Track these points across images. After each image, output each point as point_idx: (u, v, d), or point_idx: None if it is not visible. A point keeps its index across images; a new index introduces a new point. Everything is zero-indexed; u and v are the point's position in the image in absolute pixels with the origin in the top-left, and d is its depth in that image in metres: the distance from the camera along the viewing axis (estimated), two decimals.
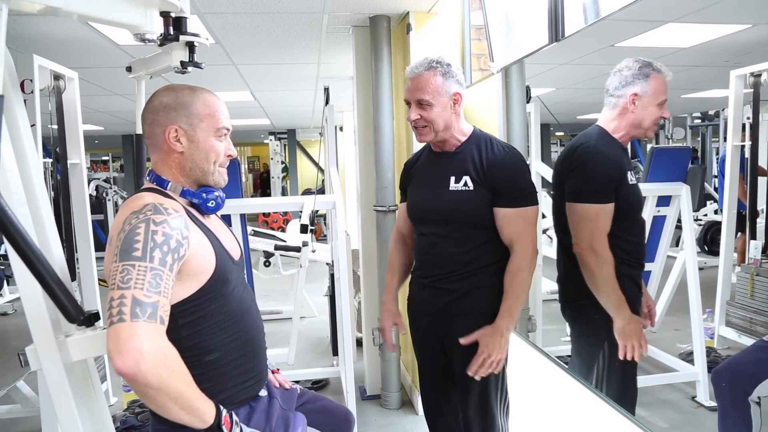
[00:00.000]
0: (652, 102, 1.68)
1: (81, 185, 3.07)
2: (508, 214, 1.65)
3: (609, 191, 1.67)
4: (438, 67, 1.67)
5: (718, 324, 3.33)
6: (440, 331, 1.77)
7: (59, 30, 3.07)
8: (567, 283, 1.90)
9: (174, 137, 1.29)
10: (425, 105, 1.66)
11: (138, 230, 1.11)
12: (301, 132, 11.94)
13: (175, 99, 1.30)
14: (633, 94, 1.68)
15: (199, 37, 1.46)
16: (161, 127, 1.29)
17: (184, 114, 1.29)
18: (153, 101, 1.32)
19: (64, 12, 1.18)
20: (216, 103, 1.34)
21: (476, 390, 1.71)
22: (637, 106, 1.69)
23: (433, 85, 1.66)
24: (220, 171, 1.36)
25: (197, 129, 1.30)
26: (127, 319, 1.02)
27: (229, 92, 5.52)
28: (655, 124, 1.71)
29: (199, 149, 1.31)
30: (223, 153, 1.35)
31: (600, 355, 1.77)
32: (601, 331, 1.72)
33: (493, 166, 1.66)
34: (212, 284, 1.24)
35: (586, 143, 1.75)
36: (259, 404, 1.37)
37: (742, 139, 3.41)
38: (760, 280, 3.10)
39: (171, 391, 1.05)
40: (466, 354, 1.68)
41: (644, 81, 1.67)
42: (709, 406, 2.70)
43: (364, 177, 3.28)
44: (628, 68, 1.70)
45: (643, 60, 1.70)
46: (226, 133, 1.36)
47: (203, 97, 1.32)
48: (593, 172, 1.70)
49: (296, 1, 2.71)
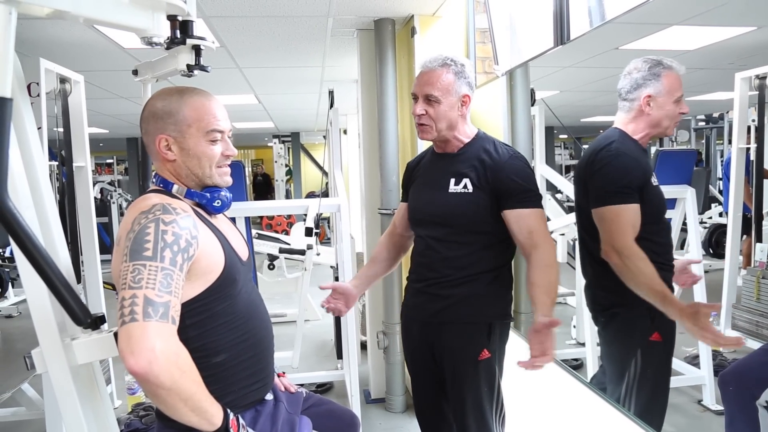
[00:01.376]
0: (667, 101, 1.64)
1: (86, 188, 3.07)
2: (522, 213, 1.60)
3: (634, 192, 1.61)
4: (452, 65, 1.64)
5: (724, 327, 3.31)
6: (431, 339, 1.72)
7: (66, 33, 3.08)
8: (596, 291, 1.84)
9: (165, 146, 1.27)
10: (432, 101, 1.63)
11: (148, 230, 1.11)
12: (305, 135, 11.95)
13: (162, 107, 1.28)
14: (647, 96, 1.65)
15: (205, 41, 1.46)
16: (152, 136, 1.28)
17: (171, 122, 1.27)
18: (144, 110, 1.31)
19: (72, 16, 1.18)
20: (205, 106, 1.29)
21: (469, 401, 1.66)
22: (653, 107, 1.65)
23: (444, 82, 1.63)
24: (220, 172, 1.32)
25: (186, 136, 1.27)
26: (139, 318, 1.02)
27: (233, 95, 5.52)
28: (675, 121, 1.67)
29: (191, 156, 1.28)
30: (219, 155, 1.31)
31: (632, 363, 1.71)
32: (635, 339, 1.69)
33: (497, 169, 1.62)
34: (220, 284, 1.24)
35: (607, 146, 1.69)
36: (265, 408, 1.37)
37: (747, 141, 3.39)
38: (766, 283, 3.08)
39: (182, 391, 1.05)
40: (457, 363, 1.65)
41: (656, 81, 1.64)
42: (716, 410, 2.69)
43: (369, 180, 3.28)
44: (638, 70, 1.67)
45: (652, 59, 1.66)
46: (220, 135, 1.31)
47: (191, 101, 1.28)
48: (617, 174, 1.64)
49: (301, 4, 2.71)
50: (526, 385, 2.21)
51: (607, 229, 1.63)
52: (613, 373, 1.80)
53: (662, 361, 1.74)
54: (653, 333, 1.67)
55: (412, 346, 1.83)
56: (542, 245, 1.58)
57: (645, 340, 1.64)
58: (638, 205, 1.61)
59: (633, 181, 1.62)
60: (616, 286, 1.65)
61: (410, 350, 1.85)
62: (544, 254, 1.58)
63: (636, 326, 1.65)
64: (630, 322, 1.69)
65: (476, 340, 1.64)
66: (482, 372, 1.65)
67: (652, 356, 1.67)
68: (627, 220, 1.60)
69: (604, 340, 1.88)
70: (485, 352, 1.64)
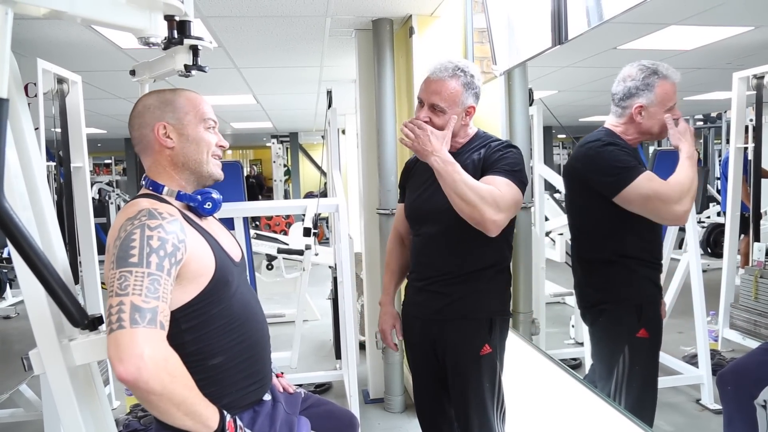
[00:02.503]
0: (659, 111, 1.65)
1: (84, 188, 3.07)
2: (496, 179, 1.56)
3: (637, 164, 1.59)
4: (462, 76, 1.63)
5: (722, 326, 3.32)
6: (432, 336, 1.73)
7: (63, 34, 3.08)
8: (585, 289, 1.86)
9: (164, 133, 1.30)
10: (438, 111, 1.63)
11: (133, 236, 1.11)
12: (304, 135, 11.95)
13: (158, 99, 1.32)
14: (638, 106, 1.66)
15: (203, 41, 1.46)
16: (149, 127, 1.30)
17: (169, 110, 1.31)
18: (137, 107, 1.34)
19: (69, 16, 1.18)
20: (197, 98, 1.35)
21: (471, 396, 1.67)
22: (644, 116, 1.66)
23: (451, 93, 1.62)
24: (215, 162, 1.36)
25: (184, 122, 1.31)
26: (126, 325, 1.02)
27: (231, 95, 5.51)
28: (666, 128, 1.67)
29: (190, 141, 1.31)
30: (214, 144, 1.35)
31: (620, 359, 1.73)
32: (622, 336, 1.70)
33: (488, 155, 1.64)
34: (213, 287, 1.24)
35: (595, 142, 1.70)
36: (263, 408, 1.37)
37: (744, 141, 3.40)
38: (764, 282, 3.09)
39: (174, 396, 1.05)
40: (459, 359, 1.66)
41: (649, 91, 1.64)
42: (714, 409, 2.69)
43: (367, 180, 3.28)
44: (632, 78, 1.67)
45: (648, 67, 1.66)
46: (213, 125, 1.36)
47: (185, 93, 1.34)
48: (613, 158, 1.62)
49: (299, 4, 2.71)
50: (524, 384, 2.21)
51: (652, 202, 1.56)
52: (602, 371, 1.82)
53: (650, 358, 1.75)
54: (640, 329, 1.69)
55: (413, 343, 1.84)
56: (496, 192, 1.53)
57: (632, 336, 1.65)
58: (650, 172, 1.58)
59: (631, 159, 1.62)
60: (604, 284, 1.66)
61: (412, 347, 1.86)
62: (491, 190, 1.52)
63: (623, 323, 1.66)
64: (617, 319, 1.71)
65: (478, 336, 1.66)
66: (484, 367, 1.66)
67: (640, 353, 1.68)
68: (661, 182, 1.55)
69: (593, 338, 1.91)
70: (487, 347, 1.66)
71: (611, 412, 1.72)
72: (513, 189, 1.57)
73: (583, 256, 1.74)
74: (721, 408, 1.79)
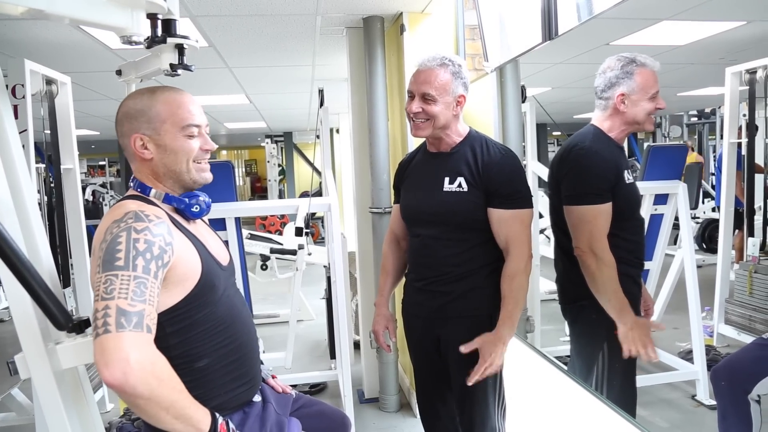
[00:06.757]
0: (641, 98, 1.66)
1: (75, 190, 3.05)
2: (504, 215, 1.63)
3: (606, 192, 1.65)
4: (450, 65, 1.65)
5: (717, 322, 3.32)
6: (435, 333, 1.75)
7: (51, 34, 3.04)
8: (566, 284, 1.88)
9: (141, 145, 1.25)
10: (429, 100, 1.64)
11: (119, 239, 1.10)
12: (298, 135, 11.93)
13: (133, 106, 1.26)
14: (620, 94, 1.67)
15: (188, 40, 1.44)
16: (127, 138, 1.26)
17: (144, 120, 1.25)
18: (118, 112, 1.29)
19: (47, 14, 1.16)
20: (177, 101, 1.27)
21: (474, 393, 1.69)
22: (627, 105, 1.68)
23: (441, 81, 1.64)
24: (198, 168, 1.30)
25: (161, 132, 1.25)
26: (112, 330, 1.01)
27: (224, 95, 5.48)
28: (651, 116, 1.69)
29: (168, 152, 1.26)
30: (197, 150, 1.29)
31: (600, 356, 1.75)
32: (601, 332, 1.71)
33: (488, 167, 1.64)
34: (199, 291, 1.22)
35: (581, 144, 1.73)
36: (253, 410, 1.35)
37: (738, 136, 3.40)
38: (758, 278, 3.09)
39: (162, 400, 1.03)
40: (462, 356, 1.66)
41: (629, 79, 1.66)
42: (709, 405, 2.69)
43: (360, 179, 3.27)
44: (611, 68, 1.69)
45: (626, 57, 1.68)
46: (197, 130, 1.28)
47: (162, 97, 1.26)
48: (589, 174, 1.68)
49: (289, 2, 2.69)
50: (518, 382, 2.20)
51: (585, 229, 1.67)
52: (581, 367, 1.84)
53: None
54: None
55: (415, 340, 1.86)
56: (514, 251, 1.64)
57: (611, 333, 1.65)
58: (611, 203, 1.65)
59: (604, 182, 1.66)
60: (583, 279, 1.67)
61: (413, 344, 1.88)
62: (514, 261, 1.64)
63: (602, 319, 1.66)
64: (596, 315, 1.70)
65: (479, 332, 1.66)
66: None
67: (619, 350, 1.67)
68: (604, 221, 1.64)
69: (572, 334, 1.93)
70: None
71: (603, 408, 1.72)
72: (526, 223, 1.66)
73: (566, 252, 1.75)
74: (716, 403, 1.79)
